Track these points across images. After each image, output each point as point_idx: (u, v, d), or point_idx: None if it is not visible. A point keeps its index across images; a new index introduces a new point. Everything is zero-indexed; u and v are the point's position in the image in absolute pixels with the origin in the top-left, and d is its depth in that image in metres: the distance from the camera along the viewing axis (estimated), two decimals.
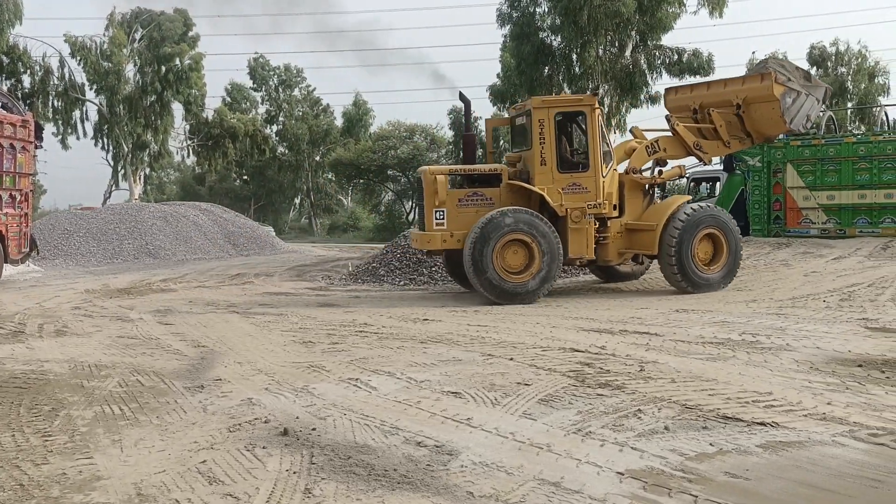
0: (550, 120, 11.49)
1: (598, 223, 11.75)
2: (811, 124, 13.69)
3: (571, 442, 4.38)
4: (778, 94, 12.37)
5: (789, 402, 5.06)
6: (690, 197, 13.67)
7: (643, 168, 12.50)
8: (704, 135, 12.90)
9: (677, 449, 4.19)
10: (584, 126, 11.86)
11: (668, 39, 28.19)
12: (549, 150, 11.48)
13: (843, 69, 39.50)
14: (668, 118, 13.11)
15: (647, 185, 12.49)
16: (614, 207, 12.02)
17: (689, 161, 13.60)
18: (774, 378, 5.76)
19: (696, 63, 27.85)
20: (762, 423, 4.59)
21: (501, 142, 39.27)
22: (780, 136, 16.60)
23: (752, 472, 3.83)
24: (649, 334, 7.86)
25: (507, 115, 12.54)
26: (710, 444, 4.25)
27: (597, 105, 11.74)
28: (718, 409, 4.94)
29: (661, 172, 12.77)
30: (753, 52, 60.09)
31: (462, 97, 13.13)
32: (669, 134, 12.79)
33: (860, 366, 6.10)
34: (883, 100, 38.44)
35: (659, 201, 12.76)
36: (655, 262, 12.53)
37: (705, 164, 13.94)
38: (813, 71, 39.09)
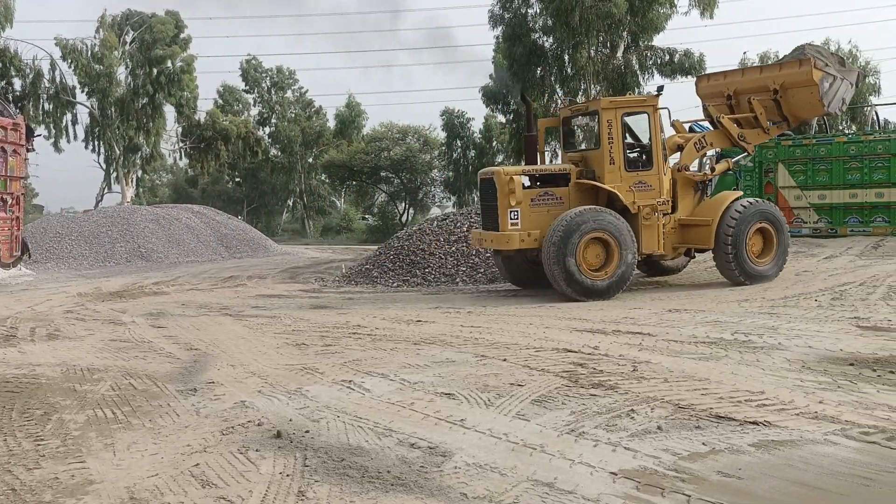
0: (618, 120, 11.80)
1: None
2: (846, 107, 14.05)
3: (565, 442, 4.38)
4: (817, 79, 12.64)
5: (781, 400, 5.08)
6: (741, 193, 13.95)
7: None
8: (740, 123, 13.19)
9: (670, 448, 4.20)
10: (647, 125, 12.14)
11: (659, 40, 28.30)
12: (617, 150, 11.79)
13: None
14: (709, 112, 13.41)
15: (697, 182, 12.81)
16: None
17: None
18: (766, 377, 5.78)
19: (687, 63, 27.95)
20: (754, 423, 4.61)
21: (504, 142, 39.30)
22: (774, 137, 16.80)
23: (744, 471, 3.84)
24: (642, 334, 7.87)
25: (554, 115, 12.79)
26: (703, 444, 4.26)
27: (658, 105, 12.09)
28: (711, 408, 4.95)
29: (712, 169, 13.43)
30: (745, 53, 60.36)
31: (524, 98, 13.38)
32: (710, 128, 13.24)
33: (852, 364, 6.12)
34: (874, 99, 38.61)
35: (706, 197, 13.05)
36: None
37: (750, 154, 14.22)
38: None
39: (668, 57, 28.12)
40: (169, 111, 42.24)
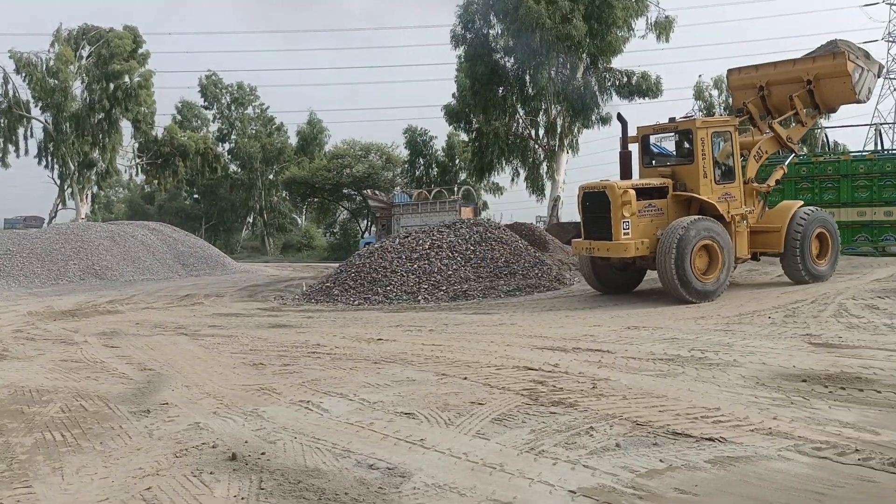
0: (709, 138, 13.05)
1: None
2: (871, 95, 15.15)
3: (524, 461, 4.37)
4: (850, 70, 13.86)
5: (737, 417, 5.14)
6: (802, 202, 15.07)
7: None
8: (773, 115, 14.59)
9: (628, 466, 4.22)
10: (728, 143, 13.53)
11: (617, 62, 28.77)
12: (708, 164, 13.04)
13: None
14: (738, 104, 14.76)
15: (762, 192, 14.24)
16: None
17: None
18: (722, 394, 5.85)
19: (644, 85, 28.48)
20: (710, 439, 4.66)
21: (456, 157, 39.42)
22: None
23: (700, 487, 3.87)
24: (601, 351, 7.93)
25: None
26: (661, 461, 4.29)
27: (738, 125, 13.63)
28: (668, 425, 4.99)
29: (778, 182, 14.98)
30: (700, 76, 61.59)
31: (620, 118, 14.40)
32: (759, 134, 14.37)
33: (804, 381, 6.23)
34: (825, 122, 39.68)
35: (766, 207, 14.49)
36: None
37: (797, 155, 15.61)
38: None
39: (625, 79, 28.62)
40: (126, 127, 41.64)
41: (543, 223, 30.61)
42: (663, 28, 27.93)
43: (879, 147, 22.22)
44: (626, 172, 13.74)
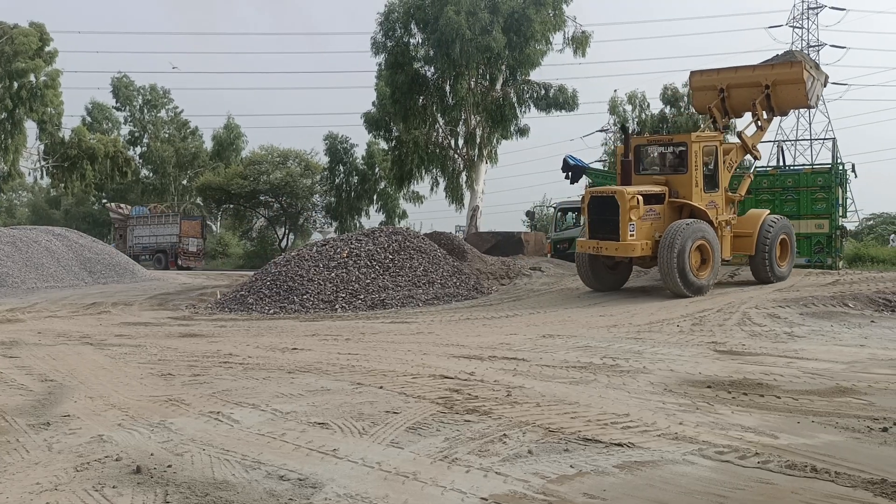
0: (700, 151, 14.59)
1: None
2: (820, 101, 16.97)
3: (437, 469, 4.37)
4: (805, 78, 15.45)
5: (645, 422, 5.29)
6: (768, 211, 16.38)
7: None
8: (731, 116, 16.37)
9: (539, 472, 4.27)
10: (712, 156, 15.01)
11: (536, 75, 29.26)
12: (699, 175, 14.61)
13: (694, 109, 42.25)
14: (697, 104, 16.52)
15: (735, 200, 15.59)
16: None
17: (562, 192, 15.53)
18: (632, 400, 6.00)
19: (561, 98, 29.04)
20: (619, 444, 4.76)
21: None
22: None
23: (609, 492, 3.95)
24: (517, 360, 8.02)
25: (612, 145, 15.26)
26: (571, 466, 4.36)
27: (723, 140, 15.28)
28: (579, 431, 5.08)
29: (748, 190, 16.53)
30: (615, 90, 63.40)
31: (623, 128, 16.96)
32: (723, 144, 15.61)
33: (709, 387, 6.47)
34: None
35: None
36: None
37: (757, 160, 16.91)
38: (667, 110, 41.78)
39: (543, 91, 29.11)
40: (31, 128, 39.72)
41: (462, 232, 30.82)
42: (580, 43, 28.55)
43: (781, 163, 23.33)
44: (626, 179, 14.90)
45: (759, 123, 15.94)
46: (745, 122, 16.56)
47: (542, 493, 3.93)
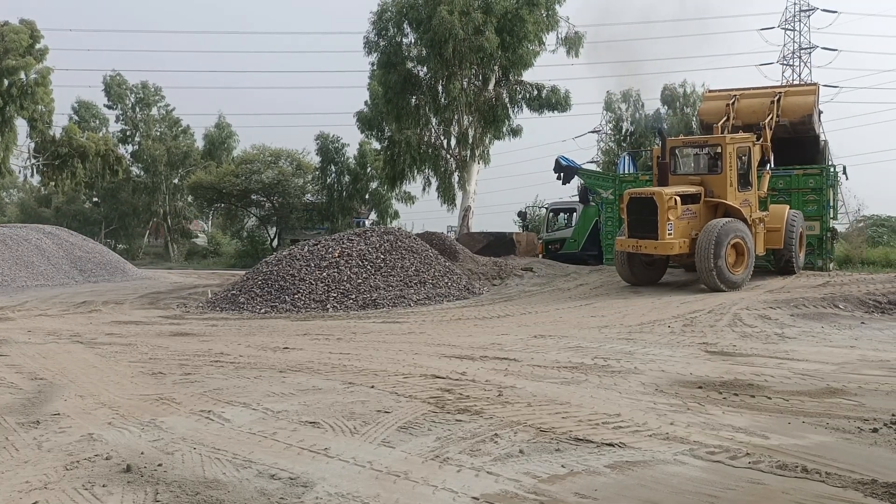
0: (735, 151, 15.16)
1: None
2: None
3: (429, 469, 4.37)
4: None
5: (636, 423, 5.30)
6: (788, 206, 17.02)
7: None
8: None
9: (531, 472, 4.27)
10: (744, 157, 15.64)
11: (529, 75, 29.26)
12: (734, 175, 15.16)
13: (689, 109, 42.44)
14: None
15: (761, 198, 16.16)
16: None
17: (554, 193, 15.79)
18: (623, 400, 6.01)
19: (554, 99, 29.04)
20: (611, 444, 4.77)
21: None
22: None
23: (600, 491, 3.96)
24: (508, 360, 8.02)
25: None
26: (562, 466, 4.37)
27: (754, 141, 15.75)
28: (571, 431, 5.09)
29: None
30: (608, 91, 63.46)
31: (659, 131, 17.02)
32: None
33: (700, 387, 6.48)
34: None
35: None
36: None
37: (770, 162, 17.43)
38: (663, 110, 42.03)
39: (536, 92, 29.12)
40: (21, 125, 39.46)
41: (454, 233, 30.81)
42: (573, 43, 28.60)
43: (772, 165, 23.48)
44: (663, 180, 15.41)
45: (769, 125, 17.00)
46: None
47: (534, 493, 3.94)
